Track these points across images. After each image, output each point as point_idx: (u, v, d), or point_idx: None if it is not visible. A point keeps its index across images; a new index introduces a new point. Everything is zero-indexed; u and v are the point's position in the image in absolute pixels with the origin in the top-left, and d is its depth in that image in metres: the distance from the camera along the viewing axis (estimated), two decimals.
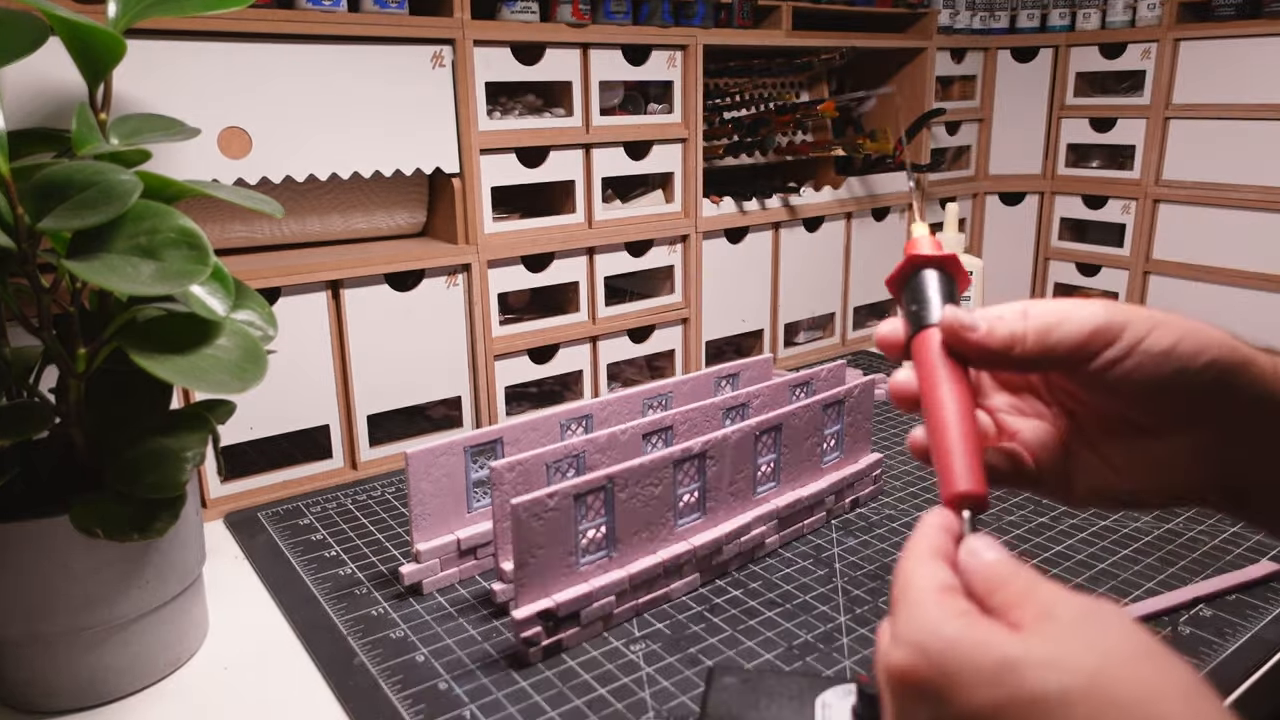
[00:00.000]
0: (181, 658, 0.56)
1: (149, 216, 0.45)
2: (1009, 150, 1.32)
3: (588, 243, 0.93)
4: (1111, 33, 1.20)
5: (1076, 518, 0.72)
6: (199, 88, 0.70)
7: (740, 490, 0.66)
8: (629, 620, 0.59)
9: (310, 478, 0.80)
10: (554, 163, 0.90)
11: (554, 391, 0.99)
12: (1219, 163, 1.13)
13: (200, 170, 0.71)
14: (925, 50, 1.19)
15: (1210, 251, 1.15)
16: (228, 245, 0.79)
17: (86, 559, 0.50)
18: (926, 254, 0.43)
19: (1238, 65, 1.10)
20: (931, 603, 0.28)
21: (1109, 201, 1.24)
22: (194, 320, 0.47)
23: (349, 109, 0.77)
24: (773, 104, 1.11)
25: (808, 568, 0.65)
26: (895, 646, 0.28)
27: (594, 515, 0.57)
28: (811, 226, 1.13)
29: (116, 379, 0.52)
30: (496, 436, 0.65)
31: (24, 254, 0.45)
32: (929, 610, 0.28)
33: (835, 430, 0.73)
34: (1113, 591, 0.61)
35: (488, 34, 0.82)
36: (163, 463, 0.49)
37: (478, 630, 0.58)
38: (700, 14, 0.96)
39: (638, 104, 0.99)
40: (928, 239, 0.44)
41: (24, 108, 0.63)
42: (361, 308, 0.80)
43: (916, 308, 0.41)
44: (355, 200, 0.84)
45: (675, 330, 1.03)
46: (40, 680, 0.52)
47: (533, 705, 0.51)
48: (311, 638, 0.58)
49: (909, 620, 0.28)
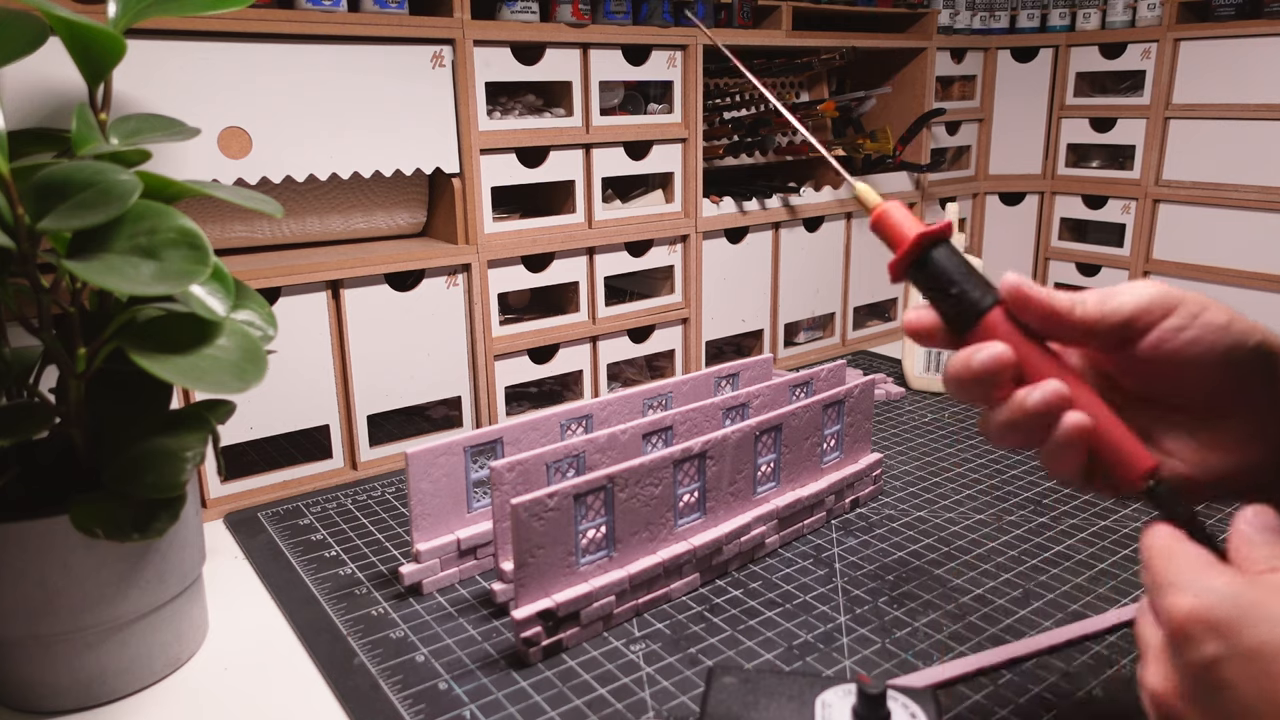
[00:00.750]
0: (181, 658, 0.56)
1: (149, 216, 0.45)
2: (1009, 150, 1.32)
3: (588, 243, 0.93)
4: (1111, 33, 1.20)
5: (1076, 517, 0.72)
6: (199, 88, 0.70)
7: (740, 490, 0.66)
8: (629, 620, 0.59)
9: (310, 478, 0.80)
10: (554, 163, 0.90)
11: (554, 391, 0.99)
12: (1219, 163, 1.13)
13: (200, 170, 0.71)
14: (925, 50, 1.19)
15: (1210, 251, 1.15)
16: (228, 245, 0.79)
17: (86, 559, 0.50)
18: (934, 229, 0.42)
19: (1238, 65, 1.10)
20: (1210, 563, 0.32)
21: (1109, 201, 1.24)
22: (194, 320, 0.47)
23: (349, 109, 0.77)
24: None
25: (808, 568, 0.65)
26: (1183, 594, 0.31)
27: (594, 515, 0.57)
28: (811, 226, 1.13)
29: (116, 379, 0.52)
30: (496, 436, 0.65)
31: (24, 254, 0.45)
32: (1212, 568, 0.32)
33: (835, 430, 0.73)
34: (1113, 591, 0.61)
35: (488, 34, 0.82)
36: (163, 463, 0.49)
37: (478, 630, 0.58)
38: (700, 14, 0.96)
39: (638, 104, 0.99)
40: (903, 210, 0.43)
41: (24, 108, 0.63)
42: (361, 308, 0.80)
43: (967, 286, 0.41)
44: (355, 200, 0.84)
45: (675, 330, 1.03)
46: (40, 680, 0.52)
47: (533, 705, 0.51)
48: (311, 638, 0.58)
49: (1196, 576, 0.32)
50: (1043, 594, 0.61)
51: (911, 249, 0.42)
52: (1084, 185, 1.26)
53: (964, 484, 0.79)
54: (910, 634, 0.57)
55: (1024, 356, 0.39)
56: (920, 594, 0.61)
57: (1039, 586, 0.62)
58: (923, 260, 0.43)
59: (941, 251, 0.43)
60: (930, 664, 0.54)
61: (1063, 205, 1.30)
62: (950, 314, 0.42)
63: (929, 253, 0.43)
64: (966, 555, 0.67)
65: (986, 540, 0.69)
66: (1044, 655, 0.54)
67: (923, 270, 0.43)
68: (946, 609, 0.60)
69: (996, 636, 0.56)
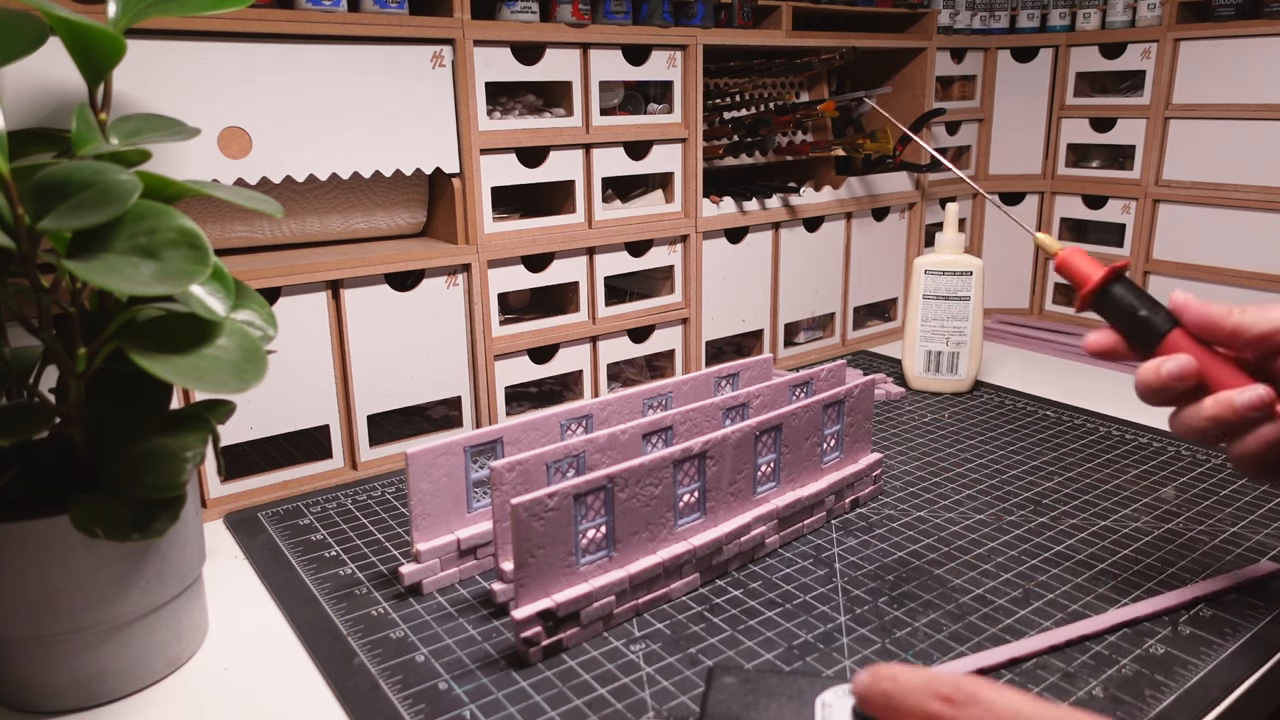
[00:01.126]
0: (181, 658, 0.56)
1: (149, 216, 0.45)
2: (1009, 150, 1.32)
3: (588, 243, 0.93)
4: (1111, 33, 1.20)
5: (1076, 517, 0.72)
6: (199, 88, 0.70)
7: (740, 490, 0.66)
8: (629, 620, 0.59)
9: (310, 478, 0.80)
10: (554, 163, 0.90)
11: (554, 391, 0.99)
12: (1219, 163, 1.13)
13: (200, 170, 0.71)
14: (925, 50, 1.19)
15: (1210, 251, 1.15)
16: (228, 245, 0.79)
17: (86, 559, 0.50)
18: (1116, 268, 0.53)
19: (1238, 65, 1.10)
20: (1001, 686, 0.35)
21: (1109, 201, 1.24)
22: (194, 320, 0.47)
23: (349, 109, 0.77)
24: (773, 104, 1.11)
25: (808, 568, 0.65)
26: (991, 710, 0.33)
27: (594, 515, 0.57)
28: (811, 226, 1.13)
29: (116, 379, 0.52)
30: (496, 436, 0.65)
31: (24, 254, 0.45)
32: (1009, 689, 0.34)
33: (835, 430, 0.73)
34: (1113, 591, 0.61)
35: (488, 34, 0.82)
36: (163, 463, 0.49)
37: (478, 630, 0.58)
38: (700, 14, 0.96)
39: (638, 104, 0.99)
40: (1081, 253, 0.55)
41: (24, 108, 0.63)
42: (361, 308, 0.80)
43: (1149, 311, 0.52)
44: (355, 200, 0.84)
45: (675, 330, 1.03)
46: (40, 680, 0.52)
47: (533, 705, 0.51)
48: (311, 638, 0.58)
49: (999, 693, 0.34)
50: (1043, 594, 0.61)
51: (1100, 285, 0.54)
52: (1084, 185, 1.26)
53: (964, 484, 0.79)
54: (910, 634, 0.57)
55: (1204, 364, 0.50)
56: (920, 594, 0.61)
57: (1039, 586, 0.62)
58: (1106, 292, 0.54)
59: (1122, 284, 0.54)
60: (931, 664, 0.54)
61: (1063, 205, 1.30)
62: (1136, 335, 0.53)
63: (1111, 286, 0.53)
64: (966, 555, 0.67)
65: (986, 540, 0.69)
66: (1044, 655, 0.54)
67: (1107, 300, 0.54)
68: (946, 609, 0.60)
69: (996, 636, 0.56)
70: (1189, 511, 0.73)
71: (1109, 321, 0.55)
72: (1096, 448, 0.86)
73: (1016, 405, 0.98)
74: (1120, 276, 0.54)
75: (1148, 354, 0.53)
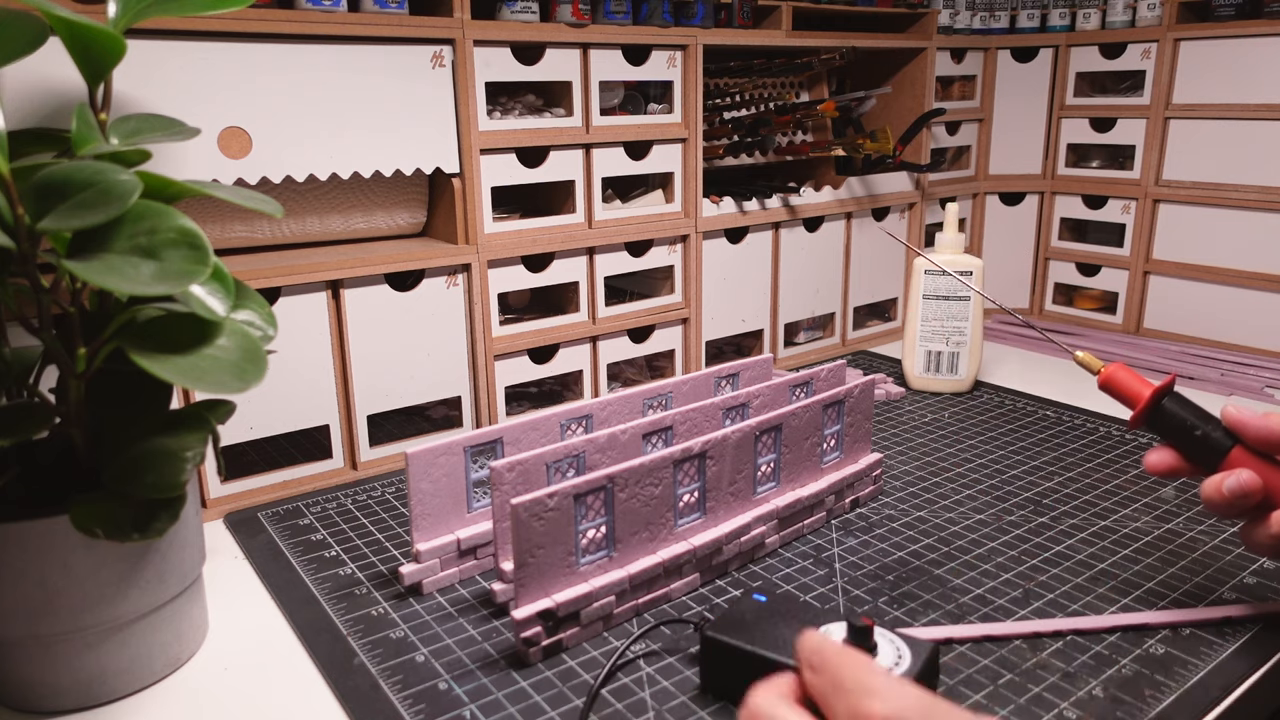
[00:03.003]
0: (181, 658, 0.56)
1: (149, 216, 0.45)
2: (1009, 150, 1.32)
3: (588, 243, 0.93)
4: (1111, 33, 1.20)
5: (1076, 517, 0.72)
6: (199, 88, 0.70)
7: (740, 490, 0.66)
8: (629, 620, 0.59)
9: (310, 478, 0.80)
10: (554, 163, 0.90)
11: (554, 391, 0.99)
12: (1219, 163, 1.13)
13: (200, 170, 0.71)
14: (925, 50, 1.19)
15: (1210, 251, 1.15)
16: (228, 245, 0.79)
17: (86, 559, 0.50)
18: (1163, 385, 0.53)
19: (1238, 65, 1.10)
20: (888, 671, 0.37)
21: (1109, 201, 1.24)
22: (194, 320, 0.47)
23: (349, 109, 0.77)
24: (773, 104, 1.11)
25: (808, 568, 0.65)
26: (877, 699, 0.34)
27: (594, 515, 0.57)
28: (811, 226, 1.13)
29: (116, 379, 0.52)
30: (496, 436, 0.65)
31: (24, 254, 0.45)
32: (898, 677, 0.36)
33: (835, 430, 0.73)
34: (1113, 591, 0.61)
35: (488, 34, 0.82)
36: (163, 463, 0.49)
37: (478, 630, 0.58)
38: (700, 14, 0.96)
39: (638, 104, 0.99)
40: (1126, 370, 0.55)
41: (24, 108, 0.63)
42: (361, 308, 0.80)
43: (1206, 428, 0.52)
44: (355, 200, 0.84)
45: (675, 330, 1.03)
46: (40, 680, 0.52)
47: (533, 705, 0.51)
48: (311, 638, 0.58)
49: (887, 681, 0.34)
50: (1043, 594, 0.61)
51: (1150, 404, 0.53)
52: (1084, 185, 1.26)
53: (964, 484, 0.79)
54: None
55: (1268, 478, 0.50)
56: (920, 594, 0.61)
57: (1039, 586, 0.62)
58: (1159, 410, 0.53)
59: (1171, 398, 0.53)
60: None
61: (1063, 205, 1.30)
62: (1195, 452, 0.52)
63: (1160, 402, 0.53)
64: (966, 555, 0.67)
65: (986, 540, 0.69)
66: (1045, 649, 0.54)
67: (1161, 418, 0.53)
68: (946, 609, 0.60)
69: None
70: (1189, 511, 0.73)
71: (1164, 439, 0.54)
72: (1096, 448, 0.86)
73: (1016, 405, 0.98)
74: (1169, 390, 0.53)
75: (1210, 470, 0.52)
